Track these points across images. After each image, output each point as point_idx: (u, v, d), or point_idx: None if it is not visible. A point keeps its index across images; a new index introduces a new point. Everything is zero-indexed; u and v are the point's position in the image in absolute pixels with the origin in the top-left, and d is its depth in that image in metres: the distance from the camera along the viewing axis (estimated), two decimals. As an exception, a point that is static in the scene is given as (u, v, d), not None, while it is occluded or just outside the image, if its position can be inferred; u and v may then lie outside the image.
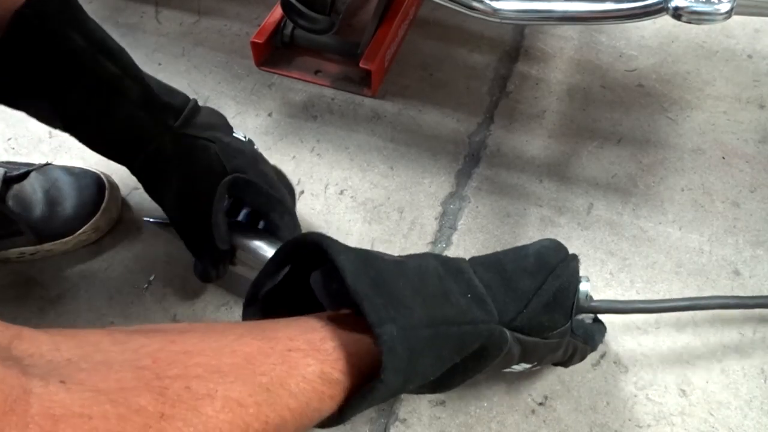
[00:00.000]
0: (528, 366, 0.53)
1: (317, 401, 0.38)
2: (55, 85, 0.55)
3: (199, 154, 0.59)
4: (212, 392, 0.34)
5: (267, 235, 0.62)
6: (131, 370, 0.32)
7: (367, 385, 0.38)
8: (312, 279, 0.43)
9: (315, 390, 0.38)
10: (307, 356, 0.38)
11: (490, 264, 0.50)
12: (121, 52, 0.57)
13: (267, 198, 0.62)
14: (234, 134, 0.63)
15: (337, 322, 0.41)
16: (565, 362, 0.57)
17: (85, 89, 0.55)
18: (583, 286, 0.53)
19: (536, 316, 0.49)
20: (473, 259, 0.51)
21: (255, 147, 0.65)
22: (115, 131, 0.58)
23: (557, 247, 0.53)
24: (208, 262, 0.62)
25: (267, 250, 0.61)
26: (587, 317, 0.58)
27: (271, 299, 0.45)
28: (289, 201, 0.65)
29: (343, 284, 0.39)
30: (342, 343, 0.39)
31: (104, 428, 0.29)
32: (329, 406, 0.39)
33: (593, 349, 0.58)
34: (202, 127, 0.60)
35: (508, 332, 0.47)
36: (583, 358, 0.58)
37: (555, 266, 0.50)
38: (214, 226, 0.59)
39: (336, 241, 0.41)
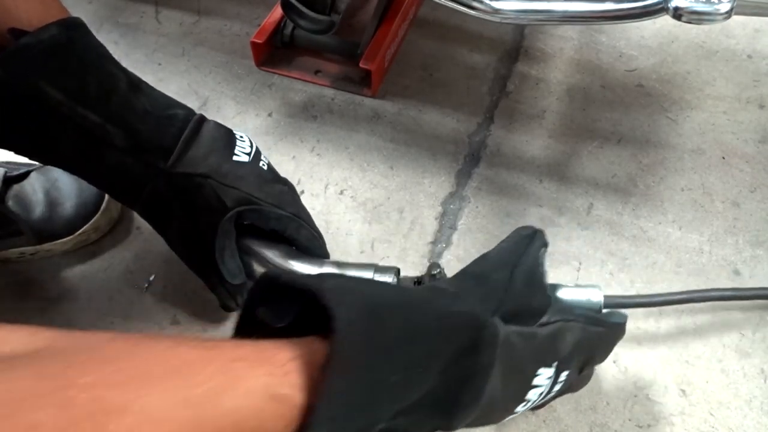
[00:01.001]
0: (554, 374, 0.47)
1: (257, 419, 0.32)
2: (42, 141, 0.55)
3: (195, 193, 0.56)
4: (128, 404, 0.28)
5: (285, 247, 0.62)
6: (35, 379, 0.28)
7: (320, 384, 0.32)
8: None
9: (257, 407, 0.32)
10: (254, 367, 0.32)
11: (455, 277, 0.48)
12: (106, 94, 0.54)
13: (277, 219, 0.59)
14: (235, 155, 0.58)
15: (304, 340, 0.35)
16: (587, 365, 0.52)
17: (70, 141, 0.54)
18: (595, 296, 0.52)
19: (518, 300, 0.44)
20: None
21: (261, 159, 0.61)
22: (107, 178, 0.57)
23: (521, 236, 0.50)
24: (224, 296, 0.61)
25: (284, 262, 0.60)
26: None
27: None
28: (304, 213, 0.63)
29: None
30: (301, 353, 0.33)
31: None
32: (276, 427, 0.33)
33: (616, 330, 0.52)
34: (196, 161, 0.56)
35: (498, 320, 0.41)
36: (610, 342, 0.53)
37: (524, 251, 0.48)
38: (220, 264, 0.57)
39: (339, 294, 0.35)
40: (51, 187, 0.69)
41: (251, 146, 0.61)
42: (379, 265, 0.61)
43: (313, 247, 0.63)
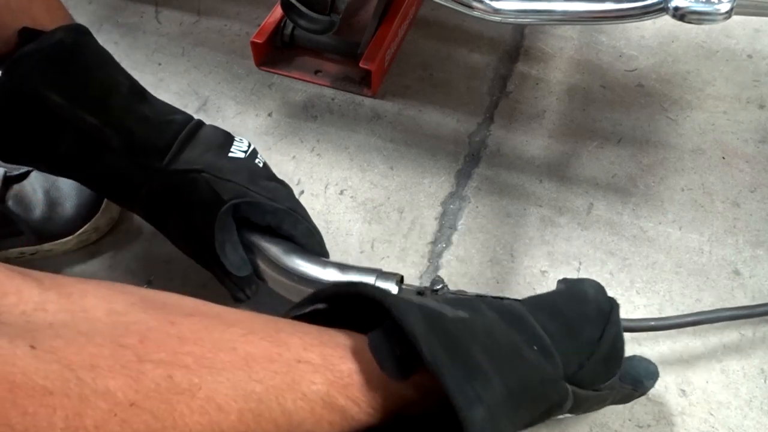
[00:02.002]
0: (568, 415, 0.49)
1: (311, 423, 0.34)
2: (42, 143, 0.56)
3: (189, 189, 0.56)
4: (194, 388, 0.30)
5: (290, 244, 0.61)
6: (111, 347, 0.29)
7: None
8: (371, 341, 0.37)
9: (313, 412, 0.34)
10: (316, 372, 0.34)
11: (547, 308, 0.45)
12: (104, 98, 0.56)
13: (273, 212, 0.59)
14: (230, 153, 0.59)
15: (365, 351, 0.36)
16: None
17: (69, 144, 0.55)
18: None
19: (596, 368, 0.45)
20: (527, 302, 0.46)
21: (257, 157, 0.61)
22: (104, 180, 0.58)
23: (603, 290, 0.49)
24: (232, 288, 0.61)
25: (288, 259, 0.60)
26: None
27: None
28: (301, 209, 0.62)
29: (410, 348, 0.34)
30: (365, 369, 0.35)
31: (62, 407, 0.27)
32: None
33: (642, 393, 0.54)
34: (191, 159, 0.57)
35: (568, 386, 0.43)
36: (627, 401, 0.54)
37: (609, 312, 0.47)
38: (222, 257, 0.57)
39: (397, 298, 0.36)
40: (51, 187, 0.69)
41: (249, 146, 0.61)
42: (383, 270, 0.60)
43: (311, 243, 0.62)
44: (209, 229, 0.56)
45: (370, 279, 0.59)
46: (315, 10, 0.75)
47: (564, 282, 0.51)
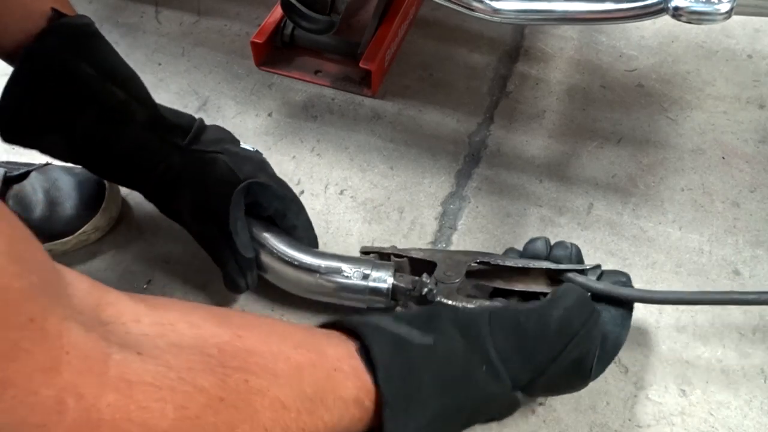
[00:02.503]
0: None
1: (348, 420, 0.43)
2: (65, 114, 0.56)
3: (210, 166, 0.60)
4: (264, 390, 0.38)
5: (286, 235, 0.64)
6: (199, 355, 0.36)
7: None
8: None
9: (348, 410, 0.43)
10: (348, 379, 0.43)
11: (508, 326, 0.51)
12: (131, 77, 0.59)
13: (282, 199, 0.63)
14: (242, 145, 0.64)
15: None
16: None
17: (94, 115, 0.56)
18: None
19: (551, 381, 0.50)
20: (494, 315, 0.51)
21: (262, 156, 0.66)
22: (124, 155, 0.59)
23: (582, 305, 0.52)
24: (235, 272, 0.62)
25: (290, 251, 0.63)
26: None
27: None
28: (301, 203, 0.66)
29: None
30: (374, 382, 0.45)
31: (171, 399, 0.33)
32: (358, 428, 0.44)
33: (618, 343, 0.56)
34: (209, 142, 0.62)
35: (520, 394, 0.51)
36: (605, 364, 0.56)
37: (577, 332, 0.50)
38: (234, 234, 0.59)
39: (373, 326, 0.47)
40: (51, 187, 0.69)
41: (253, 149, 0.66)
42: (376, 261, 0.63)
43: (310, 237, 0.66)
44: (225, 205, 0.58)
45: (366, 269, 0.62)
46: (315, 10, 0.75)
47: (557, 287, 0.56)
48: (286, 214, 0.63)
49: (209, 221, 0.60)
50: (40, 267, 0.32)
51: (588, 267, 0.60)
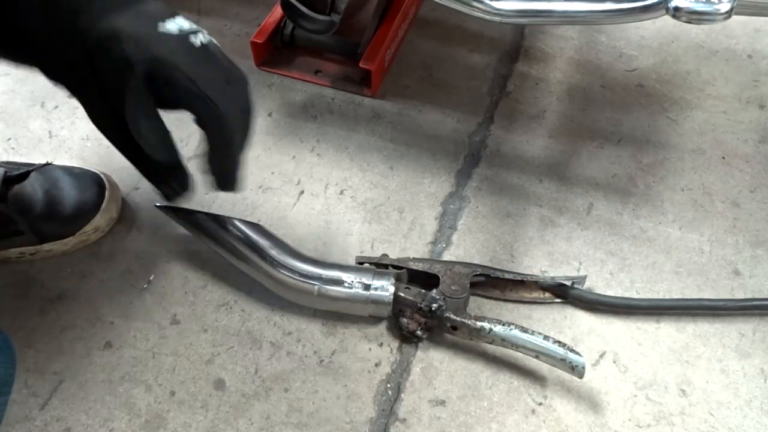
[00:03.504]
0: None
1: None
2: None
3: (103, 55, 0.45)
4: None
5: (286, 245, 0.64)
6: None
7: None
8: None
9: None
10: None
11: None
12: None
13: (186, 93, 0.46)
14: (163, 24, 0.46)
15: None
16: None
17: None
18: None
19: None
20: None
21: (198, 36, 0.48)
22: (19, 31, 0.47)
23: None
24: (157, 181, 0.53)
25: (291, 263, 0.63)
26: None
27: None
28: (243, 113, 0.50)
29: None
30: None
31: None
32: None
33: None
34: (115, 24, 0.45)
35: None
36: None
37: None
38: (136, 135, 0.46)
39: None
40: (51, 187, 0.69)
41: (193, 26, 0.49)
42: (377, 270, 0.64)
43: (223, 156, 0.50)
44: (121, 100, 0.45)
45: (367, 277, 0.62)
46: (315, 10, 0.75)
47: None
48: (198, 119, 0.47)
49: (113, 124, 0.48)
50: None
51: (577, 278, 0.66)
